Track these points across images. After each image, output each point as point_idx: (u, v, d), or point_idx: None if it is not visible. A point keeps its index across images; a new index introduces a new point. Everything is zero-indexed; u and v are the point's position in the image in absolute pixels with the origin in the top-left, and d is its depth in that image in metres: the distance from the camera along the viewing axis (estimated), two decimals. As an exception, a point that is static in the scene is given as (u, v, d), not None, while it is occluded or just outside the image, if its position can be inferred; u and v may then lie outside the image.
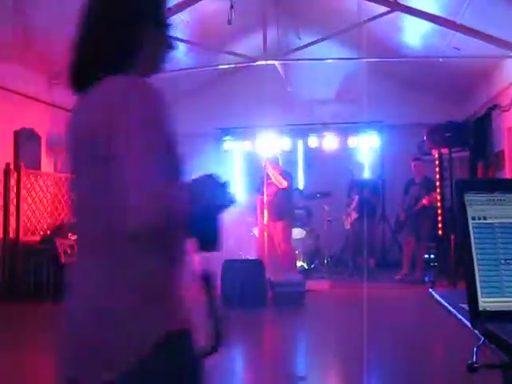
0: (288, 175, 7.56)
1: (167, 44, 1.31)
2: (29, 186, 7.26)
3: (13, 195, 6.87)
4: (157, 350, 1.09)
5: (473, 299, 1.14)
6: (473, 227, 1.19)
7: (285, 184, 7.32)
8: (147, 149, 1.08)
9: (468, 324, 1.17)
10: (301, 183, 10.39)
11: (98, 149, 1.12)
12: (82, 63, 1.25)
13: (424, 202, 7.66)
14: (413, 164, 8.15)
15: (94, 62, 1.22)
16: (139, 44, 1.23)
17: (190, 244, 1.20)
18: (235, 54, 7.76)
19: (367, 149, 10.08)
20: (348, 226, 8.49)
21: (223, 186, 1.18)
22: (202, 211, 1.12)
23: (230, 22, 6.62)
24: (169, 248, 1.18)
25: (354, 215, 8.35)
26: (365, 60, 8.34)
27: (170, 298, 1.18)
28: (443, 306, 1.56)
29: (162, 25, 1.29)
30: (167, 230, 1.12)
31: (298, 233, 8.58)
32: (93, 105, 1.17)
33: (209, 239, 1.19)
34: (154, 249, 1.14)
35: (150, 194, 1.04)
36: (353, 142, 9.91)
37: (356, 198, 8.40)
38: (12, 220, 6.83)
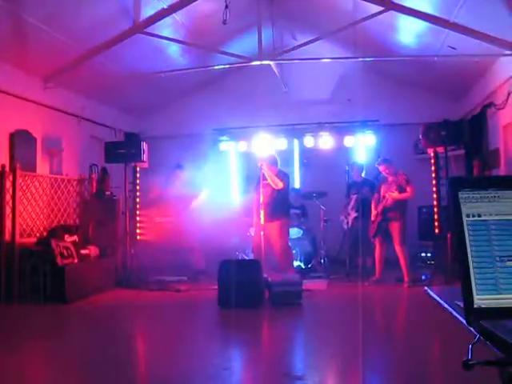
0: (284, 175, 7.54)
1: None
2: (24, 187, 7.22)
3: (8, 197, 6.83)
4: None
5: (468, 296, 1.14)
6: (467, 224, 1.19)
7: (280, 185, 7.32)
8: None
9: (463, 321, 1.17)
10: (297, 183, 10.39)
11: None
12: None
13: (388, 197, 7.28)
14: (380, 168, 7.70)
15: None
16: None
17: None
18: (230, 55, 7.75)
19: (363, 148, 10.08)
20: (347, 226, 8.41)
21: None
22: None
23: (225, 22, 6.63)
24: None
25: (353, 214, 8.31)
26: (360, 59, 8.35)
27: None
28: (439, 303, 1.56)
29: None
30: None
31: (294, 232, 8.60)
32: None
33: None
34: None
35: None
36: (349, 141, 9.90)
37: (354, 197, 8.37)
38: (8, 222, 6.79)
